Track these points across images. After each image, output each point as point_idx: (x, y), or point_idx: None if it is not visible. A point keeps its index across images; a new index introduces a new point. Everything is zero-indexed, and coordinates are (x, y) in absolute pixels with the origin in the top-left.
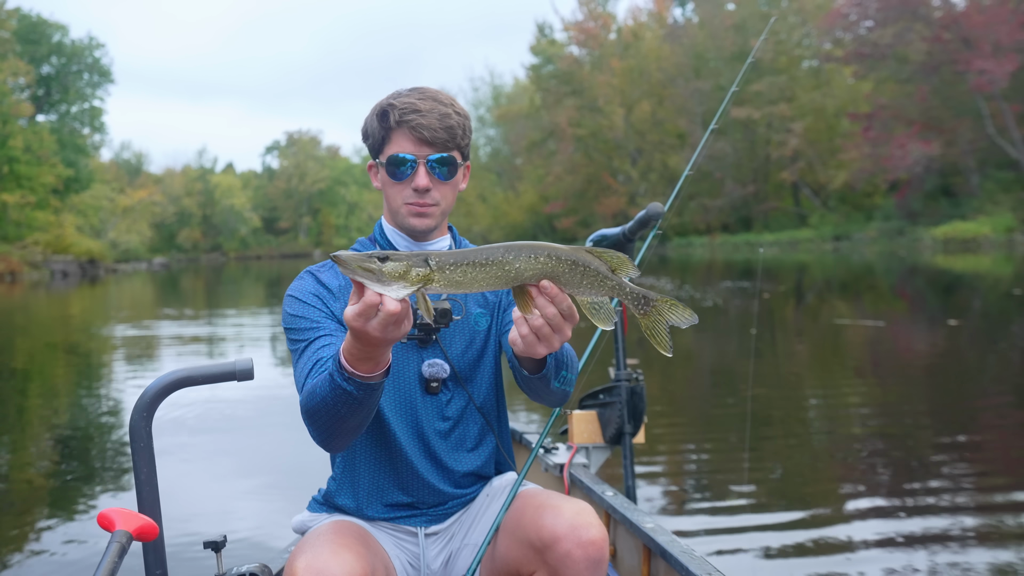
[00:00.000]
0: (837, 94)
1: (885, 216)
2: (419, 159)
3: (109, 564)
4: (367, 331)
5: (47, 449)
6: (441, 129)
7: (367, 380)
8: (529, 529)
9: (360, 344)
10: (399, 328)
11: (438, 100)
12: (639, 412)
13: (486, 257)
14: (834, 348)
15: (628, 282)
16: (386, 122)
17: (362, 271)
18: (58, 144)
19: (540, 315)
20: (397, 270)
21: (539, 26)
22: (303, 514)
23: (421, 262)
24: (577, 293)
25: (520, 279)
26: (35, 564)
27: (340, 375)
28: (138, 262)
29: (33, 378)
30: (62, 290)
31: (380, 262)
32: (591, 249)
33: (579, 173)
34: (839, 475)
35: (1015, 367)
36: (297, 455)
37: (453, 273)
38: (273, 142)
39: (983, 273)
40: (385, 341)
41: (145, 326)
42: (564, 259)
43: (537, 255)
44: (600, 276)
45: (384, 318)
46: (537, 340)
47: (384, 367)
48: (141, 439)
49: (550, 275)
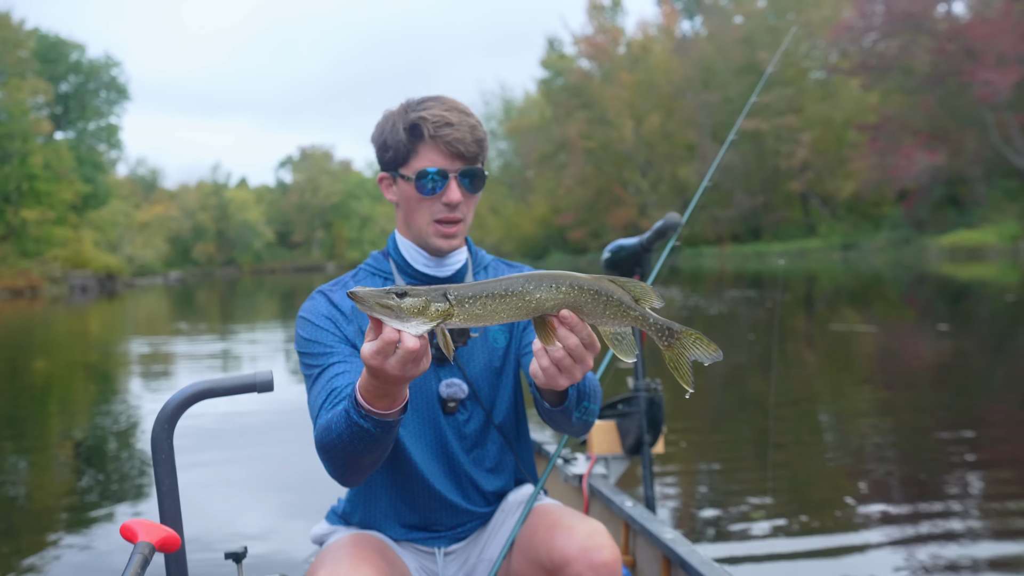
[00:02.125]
0: (844, 105)
1: (893, 225)
2: (451, 173)
3: (132, 575)
4: (385, 369)
5: (67, 461)
6: (473, 142)
7: (384, 417)
8: (541, 549)
9: (377, 381)
10: (418, 366)
11: (463, 111)
12: (658, 422)
13: (506, 288)
14: (832, 353)
15: (652, 313)
16: (417, 135)
17: (380, 308)
18: (76, 161)
19: (562, 347)
20: (416, 306)
21: (549, 40)
22: (321, 525)
23: (440, 297)
24: (599, 323)
25: (541, 310)
26: (56, 574)
27: (356, 412)
28: (154, 276)
29: (53, 392)
30: (82, 305)
31: (398, 298)
32: (613, 279)
33: (589, 185)
34: (854, 483)
35: (1015, 370)
36: (314, 466)
37: (473, 307)
38: (286, 156)
39: (989, 281)
40: (403, 379)
41: (165, 341)
42: (587, 289)
43: (559, 285)
44: (623, 306)
45: (403, 355)
46: (558, 372)
47: (402, 403)
48: (163, 451)
49: (572, 305)
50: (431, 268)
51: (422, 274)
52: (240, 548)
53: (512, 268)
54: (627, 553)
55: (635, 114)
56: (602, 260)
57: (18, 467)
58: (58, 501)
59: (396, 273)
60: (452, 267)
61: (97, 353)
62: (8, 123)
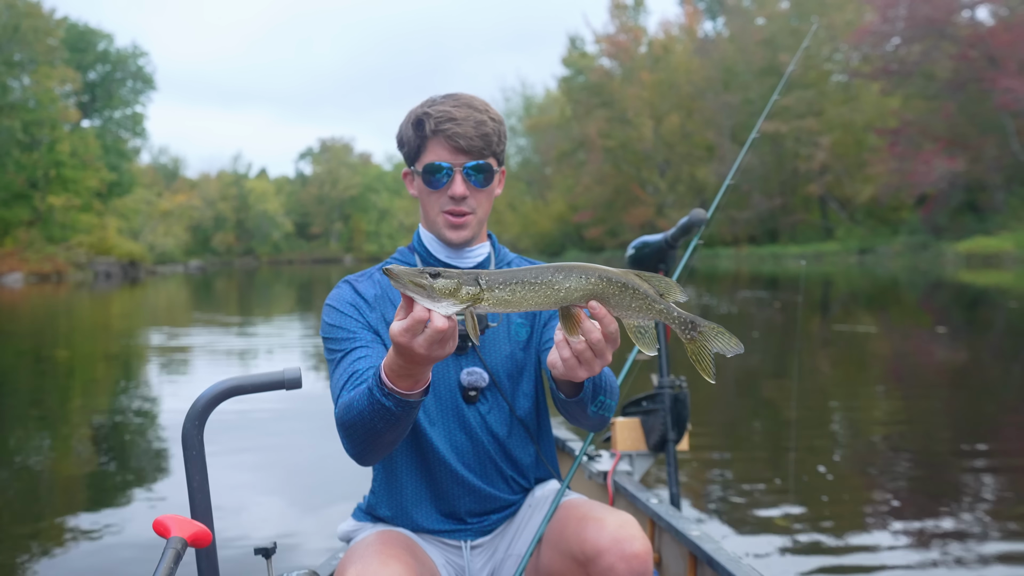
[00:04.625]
0: (865, 109)
1: (911, 230)
2: (455, 167)
3: (165, 569)
4: (412, 347)
5: (92, 452)
6: (477, 137)
7: (406, 397)
8: (572, 542)
9: (403, 360)
10: (444, 346)
11: (473, 107)
12: (682, 419)
13: (536, 277)
14: (842, 353)
15: (675, 307)
16: (422, 131)
17: (413, 286)
18: (102, 149)
19: (584, 339)
20: (448, 287)
21: (571, 39)
22: (348, 522)
23: (472, 281)
24: (624, 316)
25: (569, 299)
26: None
27: (380, 390)
28: (175, 264)
29: (77, 379)
30: (105, 291)
31: (432, 278)
32: (639, 273)
33: (608, 183)
34: (874, 483)
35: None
36: (340, 462)
37: (502, 292)
38: (307, 148)
39: (1005, 288)
40: (429, 359)
41: (187, 332)
42: (614, 281)
43: (588, 276)
44: (648, 300)
45: (431, 334)
46: (578, 363)
47: (424, 385)
48: (193, 447)
49: (599, 296)
50: (453, 259)
51: (444, 265)
52: (270, 543)
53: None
54: (653, 550)
55: (655, 114)
56: (626, 256)
57: (41, 450)
58: (81, 493)
59: (420, 266)
60: (474, 259)
61: (120, 342)
62: (37, 110)
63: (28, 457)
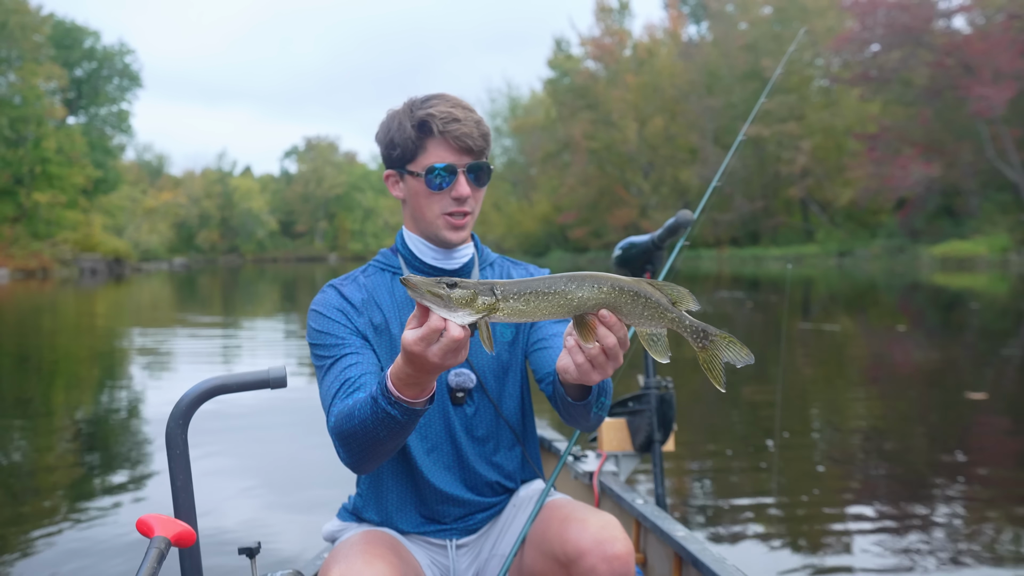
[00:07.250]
0: (845, 114)
1: (889, 234)
2: (459, 167)
3: (149, 569)
4: (426, 355)
5: (75, 450)
6: (479, 137)
7: (412, 405)
8: (554, 542)
9: (412, 369)
10: (457, 355)
11: (467, 108)
12: (668, 420)
13: (549, 287)
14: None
15: (687, 315)
16: (426, 132)
17: (431, 295)
18: (87, 146)
19: (599, 345)
20: (464, 297)
21: (556, 41)
22: (333, 522)
23: (488, 291)
24: (636, 324)
25: (582, 308)
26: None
27: (385, 399)
28: (159, 261)
29: (61, 377)
30: (91, 287)
31: (448, 288)
32: (652, 281)
33: (592, 185)
34: (856, 482)
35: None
36: (325, 463)
37: (517, 302)
38: (292, 147)
39: (977, 291)
40: (440, 368)
41: (171, 331)
42: (626, 290)
43: (600, 285)
44: (660, 308)
45: (446, 344)
46: (592, 368)
47: (430, 393)
48: (177, 446)
49: (611, 305)
50: (439, 261)
51: (430, 267)
52: (254, 543)
53: (517, 266)
54: (638, 551)
55: (639, 116)
56: (613, 257)
57: (23, 450)
58: (62, 481)
59: (404, 267)
60: (459, 260)
61: (105, 340)
62: (22, 107)
63: (9, 455)
